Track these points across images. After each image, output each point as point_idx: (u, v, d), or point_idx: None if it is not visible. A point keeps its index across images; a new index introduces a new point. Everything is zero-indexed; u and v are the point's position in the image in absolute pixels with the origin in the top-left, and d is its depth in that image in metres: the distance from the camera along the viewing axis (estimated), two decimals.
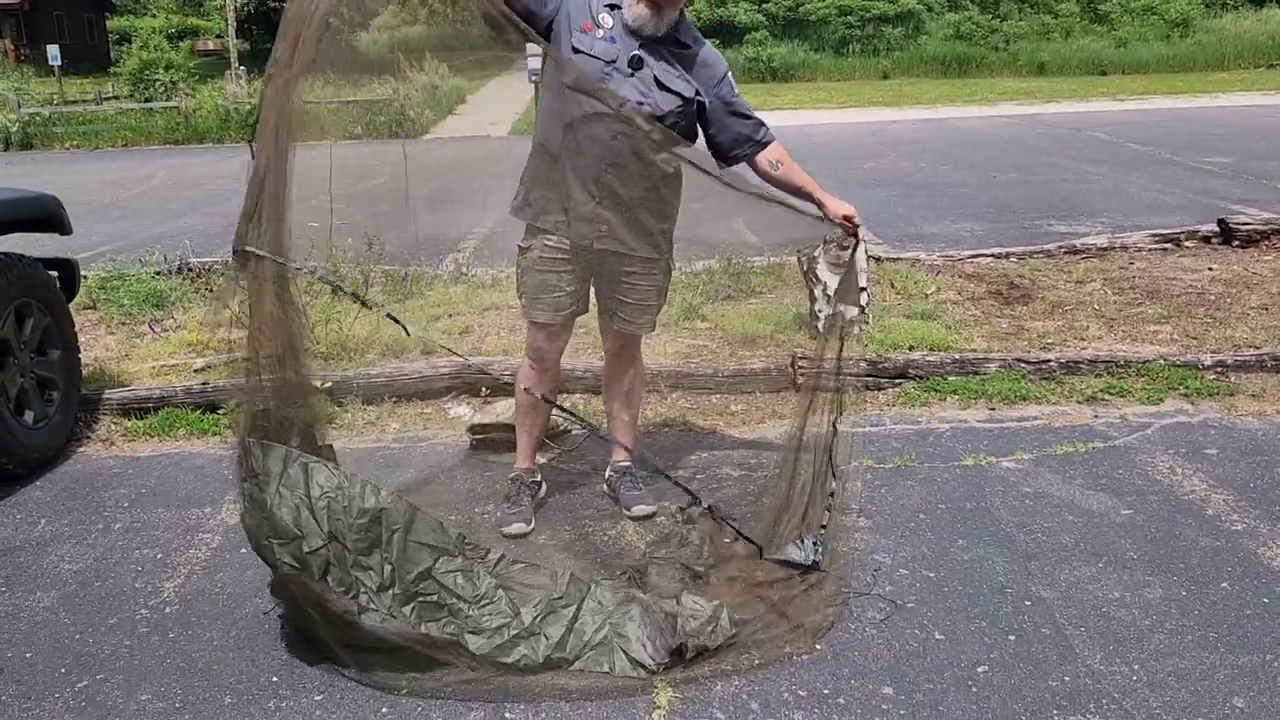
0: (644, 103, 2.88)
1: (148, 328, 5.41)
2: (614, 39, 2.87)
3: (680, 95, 2.92)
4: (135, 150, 16.45)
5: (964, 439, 3.84)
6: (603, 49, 2.86)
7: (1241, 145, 12.39)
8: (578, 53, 2.86)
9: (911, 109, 19.47)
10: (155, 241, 8.14)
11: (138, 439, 4.09)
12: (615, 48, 2.87)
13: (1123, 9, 31.06)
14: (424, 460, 3.83)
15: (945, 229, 7.96)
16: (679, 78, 2.93)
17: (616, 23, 2.88)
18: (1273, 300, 5.32)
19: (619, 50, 2.86)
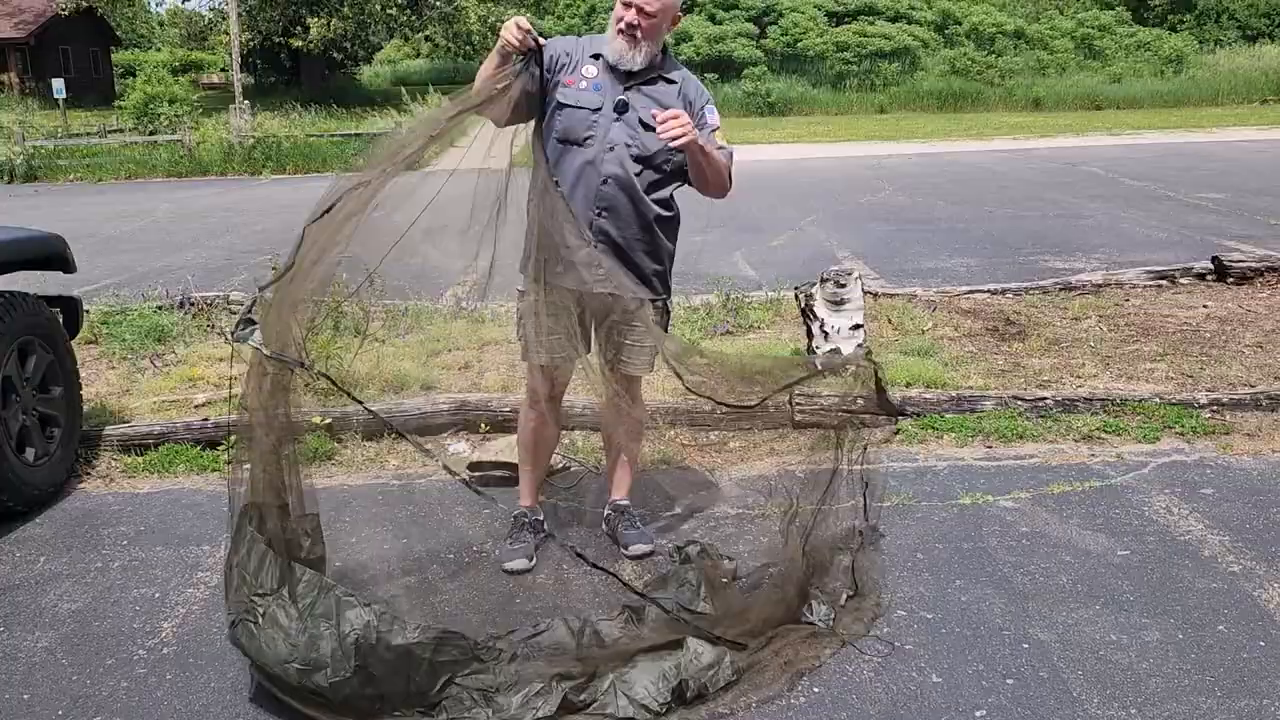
0: (632, 144, 2.95)
1: (149, 362, 5.43)
2: (598, 86, 2.96)
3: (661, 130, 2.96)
4: (138, 183, 16.55)
5: (961, 477, 3.85)
6: (588, 99, 2.95)
7: (1235, 181, 12.49)
8: (564, 106, 2.95)
9: (908, 143, 19.63)
10: (158, 275, 8.19)
11: (137, 475, 4.11)
12: (600, 95, 2.95)
13: (1117, 45, 31.43)
14: (423, 497, 3.84)
15: (941, 264, 8.01)
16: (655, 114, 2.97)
17: (600, 71, 2.97)
18: (1267, 338, 5.35)
19: (604, 97, 2.95)
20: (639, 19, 2.88)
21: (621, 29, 2.90)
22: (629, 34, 2.90)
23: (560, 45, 3.03)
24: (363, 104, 28.18)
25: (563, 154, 2.97)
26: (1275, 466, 3.84)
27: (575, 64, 3.00)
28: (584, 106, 2.95)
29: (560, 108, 2.97)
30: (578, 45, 3.06)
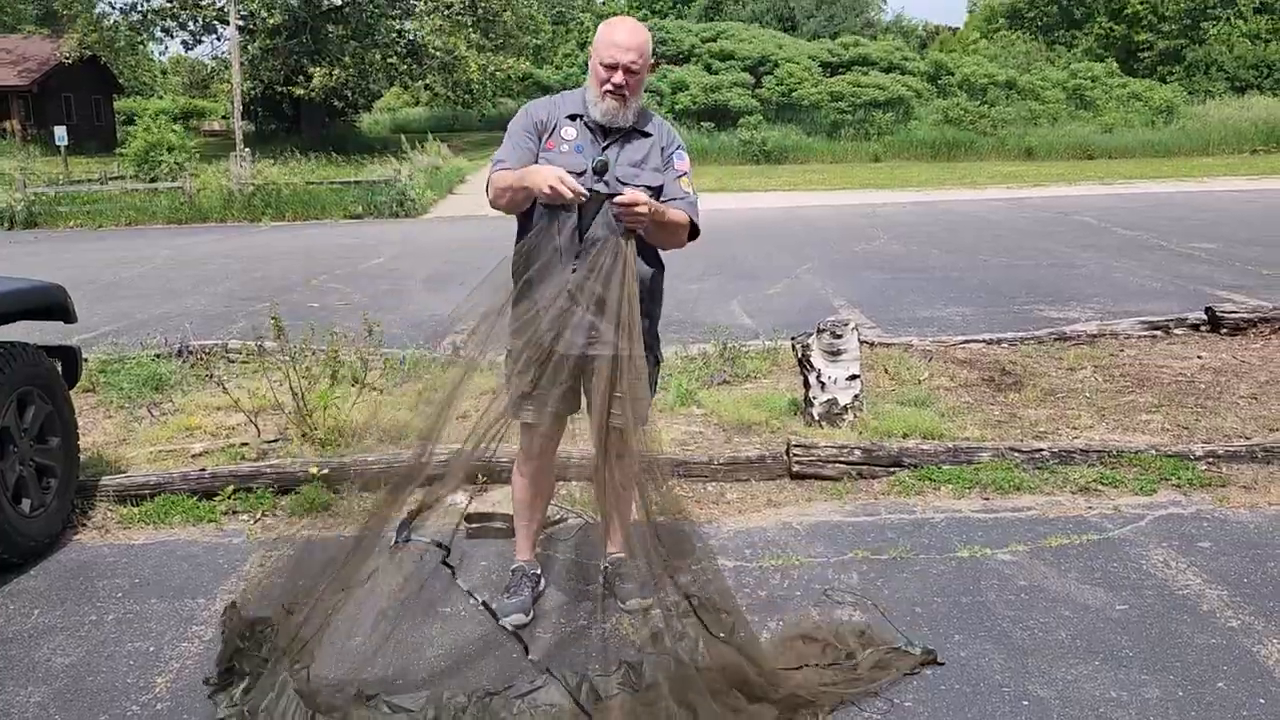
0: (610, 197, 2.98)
1: (146, 411, 5.43)
2: (579, 148, 2.97)
3: (649, 186, 2.99)
4: (139, 229, 16.65)
5: (959, 530, 3.85)
6: (570, 160, 2.94)
7: (1226, 231, 12.61)
8: None
9: (903, 191, 19.82)
10: (157, 322, 8.22)
11: (133, 526, 4.09)
12: (581, 157, 2.96)
13: (1108, 96, 31.88)
14: (419, 549, 3.82)
15: (936, 313, 8.06)
16: (646, 169, 3.02)
17: (579, 130, 2.99)
18: (1261, 389, 5.38)
19: (585, 159, 2.95)
20: (626, 79, 2.91)
21: (610, 90, 2.91)
22: (618, 95, 2.92)
23: (538, 112, 3.04)
24: (362, 151, 28.46)
25: (549, 217, 2.96)
26: (1272, 519, 3.85)
27: (554, 126, 3.01)
28: (568, 169, 2.94)
29: None
30: (552, 105, 3.06)
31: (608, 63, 2.89)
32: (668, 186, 3.04)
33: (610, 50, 2.89)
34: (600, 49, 2.92)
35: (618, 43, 2.89)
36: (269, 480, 4.33)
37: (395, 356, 6.24)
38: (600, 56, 2.91)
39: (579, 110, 3.00)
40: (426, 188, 19.13)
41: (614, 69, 2.89)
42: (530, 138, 2.99)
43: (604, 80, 2.91)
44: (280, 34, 29.13)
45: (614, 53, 2.88)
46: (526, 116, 3.04)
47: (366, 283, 10.32)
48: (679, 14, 46.96)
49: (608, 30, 2.95)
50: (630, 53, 2.89)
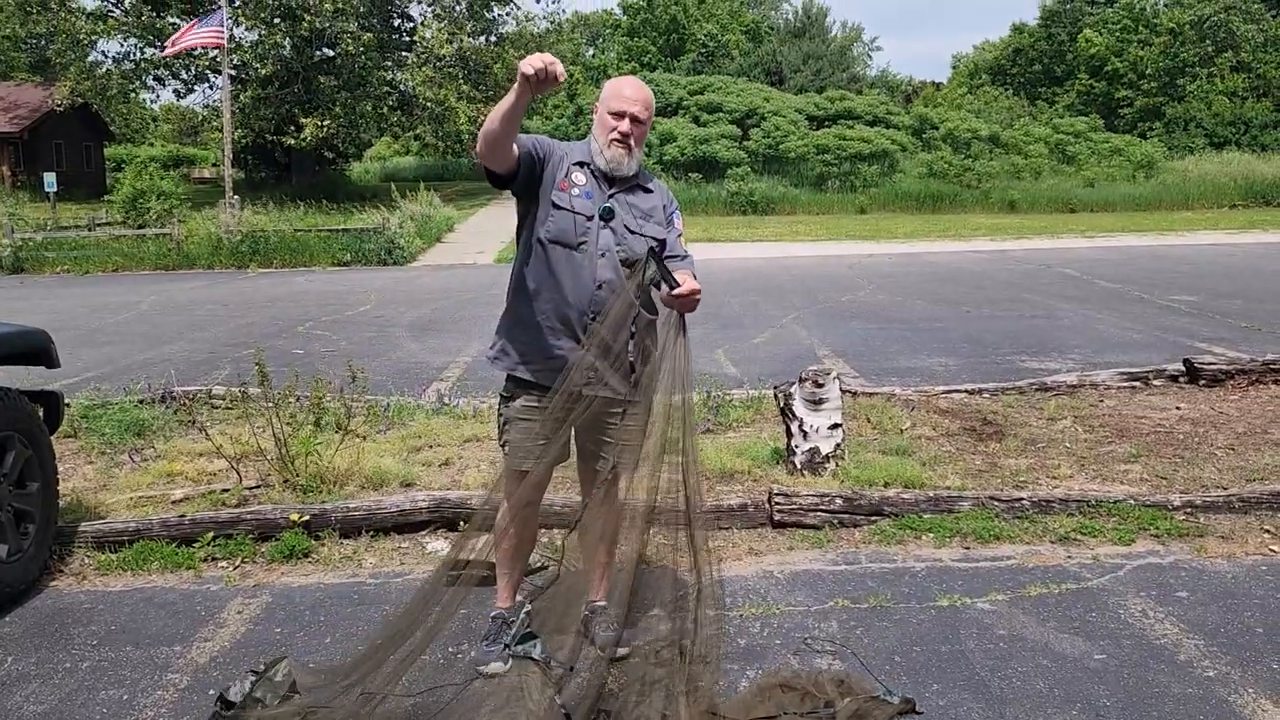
0: (620, 249, 3.04)
1: (127, 457, 5.41)
2: (589, 194, 3.06)
3: (653, 237, 3.08)
4: (125, 275, 16.65)
5: (939, 578, 3.86)
6: (581, 205, 3.04)
7: (1207, 284, 12.77)
8: (559, 208, 3.03)
9: (888, 243, 20.02)
10: (141, 368, 8.21)
11: (110, 573, 4.06)
12: (591, 202, 3.05)
13: (1090, 151, 32.38)
14: (399, 597, 3.81)
15: (920, 363, 8.12)
16: (650, 221, 3.11)
17: (588, 178, 3.07)
18: (1239, 440, 5.43)
19: (594, 205, 3.04)
20: (633, 128, 3.03)
21: (616, 139, 3.02)
22: (624, 143, 3.03)
23: (557, 148, 3.12)
24: (352, 199, 28.61)
25: (553, 255, 3.02)
26: (1248, 570, 3.87)
27: (565, 168, 3.09)
28: (579, 212, 3.03)
29: (556, 209, 3.04)
30: (563, 149, 3.16)
31: (616, 111, 3.03)
32: (671, 243, 3.14)
33: (619, 101, 3.03)
34: (609, 100, 3.06)
35: (626, 95, 3.04)
36: (249, 527, 4.31)
37: (379, 403, 6.24)
38: (609, 106, 3.05)
39: (586, 159, 3.09)
40: (416, 236, 19.23)
41: (622, 117, 3.02)
42: (539, 148, 3.02)
43: (612, 128, 3.03)
44: (272, 84, 29.42)
45: (622, 103, 3.03)
46: (547, 141, 3.11)
47: (352, 329, 10.34)
48: (668, 67, 47.67)
49: (616, 85, 3.10)
50: (637, 104, 3.03)
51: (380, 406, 6.16)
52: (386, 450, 5.43)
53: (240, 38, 28.46)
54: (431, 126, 31.97)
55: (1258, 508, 4.37)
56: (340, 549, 4.27)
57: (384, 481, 4.91)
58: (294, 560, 4.16)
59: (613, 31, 58.89)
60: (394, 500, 4.50)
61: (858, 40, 65.48)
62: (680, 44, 52.72)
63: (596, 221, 3.03)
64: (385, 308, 12.06)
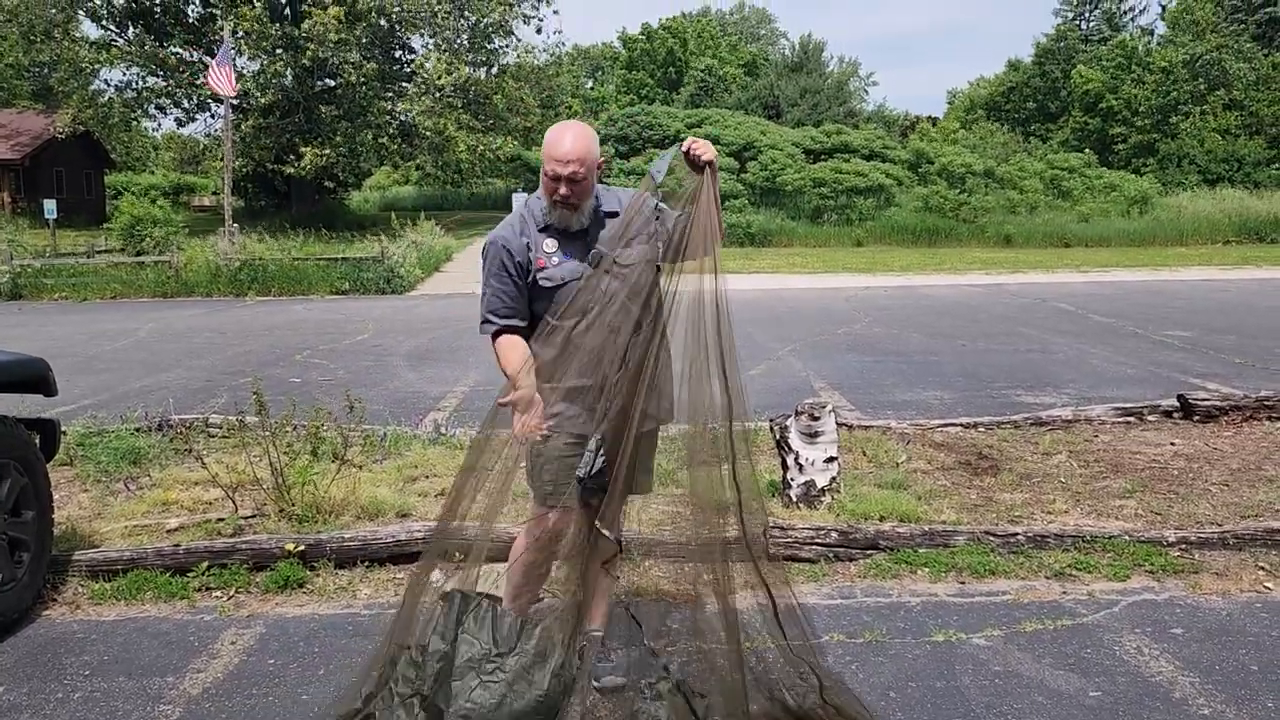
0: (626, 287, 3.01)
1: (123, 485, 5.41)
2: (566, 255, 3.03)
3: (644, 257, 3.04)
4: (124, 303, 16.69)
5: (934, 613, 3.85)
6: (566, 271, 3.01)
7: (1201, 319, 12.84)
8: (551, 289, 3.02)
9: (884, 276, 20.11)
10: (138, 395, 8.21)
11: (104, 602, 4.05)
12: (573, 263, 3.02)
13: (1085, 186, 32.61)
14: None
15: (916, 396, 8.14)
16: (635, 243, 3.05)
17: (555, 240, 3.03)
18: (1233, 476, 5.44)
19: (577, 263, 3.01)
20: (570, 189, 2.96)
21: (558, 201, 2.97)
22: (565, 204, 2.98)
23: (516, 239, 3.04)
24: (351, 228, 28.74)
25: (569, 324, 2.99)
26: (1243, 607, 3.87)
27: (534, 244, 3.03)
28: (568, 280, 3.00)
29: (547, 291, 3.02)
30: (521, 227, 3.06)
31: (550, 175, 2.94)
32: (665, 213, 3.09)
33: (552, 165, 2.93)
34: (546, 161, 2.95)
35: (559, 156, 2.92)
36: (244, 557, 4.30)
37: (375, 433, 6.24)
38: (545, 169, 2.95)
39: (546, 220, 3.03)
40: (416, 265, 19.31)
41: (558, 181, 2.94)
42: (512, 279, 3.02)
43: (551, 191, 2.97)
44: (273, 113, 29.65)
45: (555, 167, 2.92)
46: (504, 255, 3.03)
47: (350, 358, 10.36)
48: (665, 100, 48.07)
49: (552, 144, 2.96)
50: (571, 164, 2.92)
51: (377, 436, 6.17)
52: (383, 480, 5.43)
53: (242, 67, 28.69)
54: (431, 156, 32.20)
55: (1252, 544, 4.38)
56: (335, 579, 4.26)
57: (380, 512, 4.91)
58: (289, 590, 4.15)
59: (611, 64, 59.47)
60: (390, 530, 4.50)
61: (854, 75, 66.20)
62: (678, 77, 53.21)
63: (593, 273, 2.98)
64: (383, 336, 12.08)
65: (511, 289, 3.04)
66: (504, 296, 3.04)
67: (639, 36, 55.35)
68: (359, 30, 28.68)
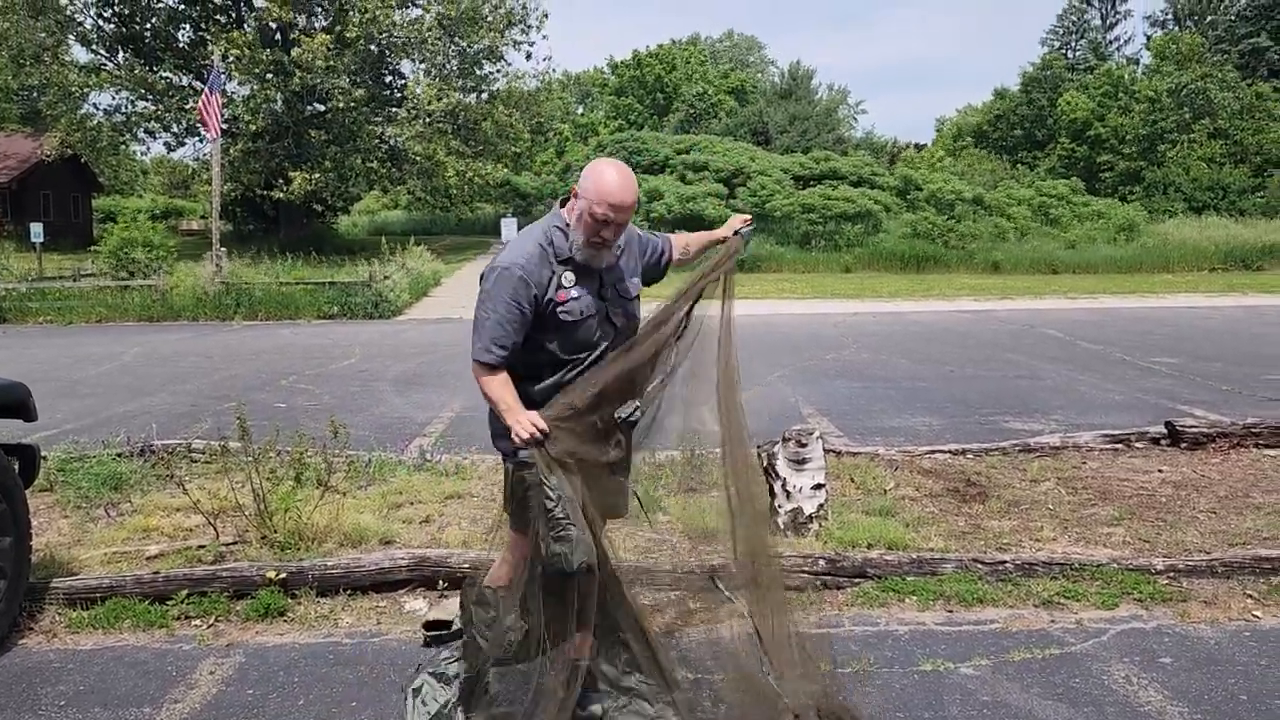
0: (629, 319, 3.12)
1: (103, 512, 5.34)
2: (585, 289, 3.01)
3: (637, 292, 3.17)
4: (110, 326, 16.59)
5: (922, 642, 3.82)
6: (585, 306, 2.99)
7: (1188, 346, 12.89)
8: (573, 324, 2.99)
9: (872, 302, 20.17)
10: (121, 420, 8.14)
11: (82, 631, 3.99)
12: (589, 297, 3.01)
13: (1073, 213, 32.84)
14: (375, 658, 3.75)
15: (904, 422, 8.13)
16: (634, 280, 3.16)
17: (575, 273, 3.00)
18: (1221, 504, 5.44)
19: (592, 297, 3.01)
20: (615, 233, 2.94)
21: (599, 242, 2.93)
22: (604, 245, 2.96)
23: (539, 271, 2.96)
24: (340, 252, 28.71)
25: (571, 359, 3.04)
26: (1232, 635, 3.85)
27: (555, 277, 2.98)
28: (588, 315, 3.00)
29: (568, 324, 2.99)
30: (544, 260, 2.98)
31: (600, 218, 2.88)
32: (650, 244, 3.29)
33: (605, 210, 2.87)
34: (595, 202, 2.87)
35: (616, 203, 2.87)
36: (225, 584, 4.25)
37: (360, 458, 6.20)
38: (593, 210, 2.88)
39: (569, 254, 2.98)
40: (405, 290, 19.29)
41: (606, 224, 2.90)
42: (523, 312, 2.94)
43: (596, 232, 2.91)
44: (263, 138, 29.67)
45: (609, 212, 2.87)
46: (522, 286, 2.92)
47: (336, 383, 10.31)
48: (654, 126, 48.33)
49: (602, 184, 2.88)
50: (625, 212, 2.90)
51: (361, 462, 6.11)
52: (366, 507, 5.39)
53: (232, 92, 28.74)
54: (421, 181, 32.25)
55: (1240, 572, 4.36)
56: (317, 608, 4.20)
57: (363, 539, 4.86)
58: (269, 619, 4.09)
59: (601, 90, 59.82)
60: (373, 558, 4.45)
61: (843, 103, 66.73)
62: (666, 103, 53.55)
63: (601, 310, 3.02)
64: (370, 361, 12.03)
65: (519, 322, 2.94)
66: (510, 328, 2.93)
67: (628, 63, 55.70)
68: (349, 56, 28.79)
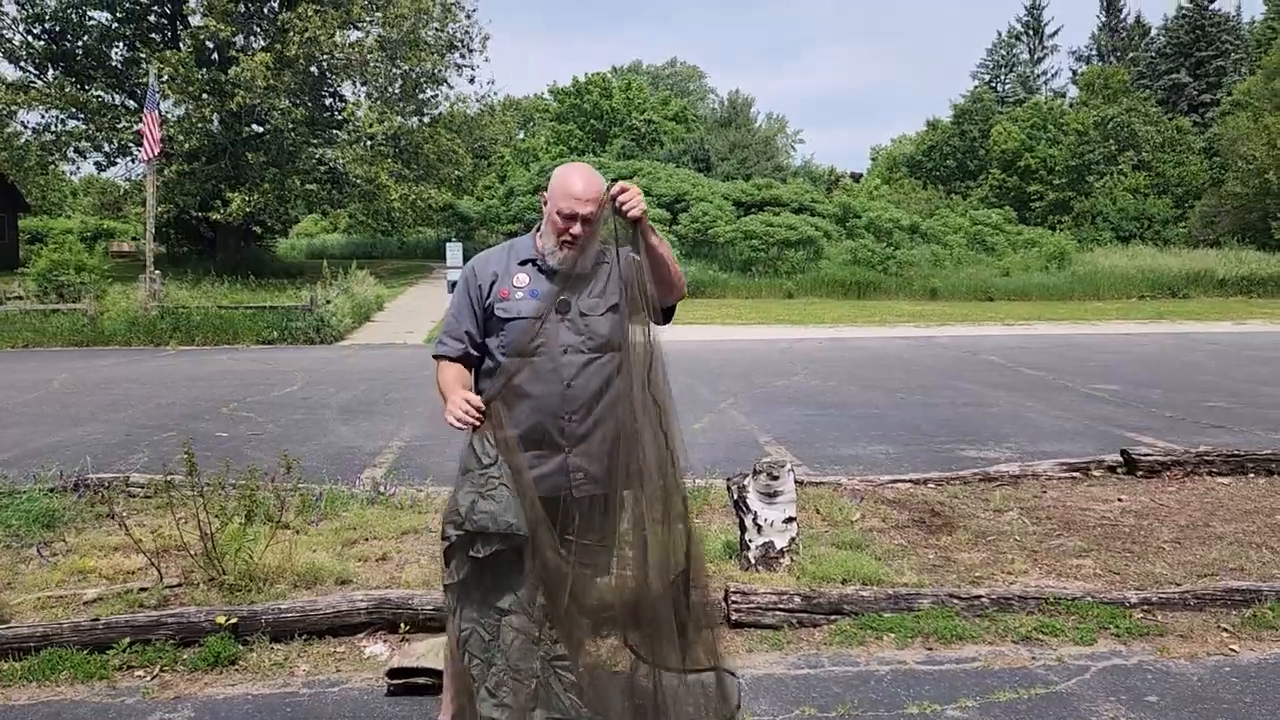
0: (583, 338, 2.88)
1: (35, 552, 5.03)
2: (534, 293, 2.91)
3: (613, 306, 2.92)
4: (36, 352, 15.96)
5: (905, 683, 3.73)
6: (529, 307, 2.89)
7: (1126, 372, 13.14)
8: (505, 321, 2.90)
9: (816, 328, 20.29)
10: (51, 451, 7.77)
11: (13, 684, 3.71)
12: (538, 301, 2.89)
13: (1006, 241, 33.58)
14: (336, 710, 3.54)
15: (860, 450, 8.10)
16: (607, 296, 2.93)
17: (531, 276, 2.93)
18: (1183, 534, 5.46)
19: (543, 302, 2.88)
20: (584, 229, 2.86)
21: (567, 241, 2.87)
22: (575, 244, 2.87)
23: (486, 266, 3.00)
24: (278, 275, 28.13)
25: (516, 365, 2.87)
26: (1213, 671, 3.82)
27: (505, 274, 2.96)
28: (524, 316, 2.89)
29: (502, 323, 2.92)
30: (502, 255, 3.02)
31: (566, 213, 2.85)
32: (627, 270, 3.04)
33: (568, 202, 2.84)
34: (557, 199, 2.87)
35: (575, 194, 2.84)
36: (170, 631, 4.00)
37: (310, 492, 5.95)
38: (557, 207, 2.87)
39: (532, 255, 2.96)
40: (347, 314, 18.90)
41: (572, 219, 2.85)
42: (472, 303, 2.98)
43: (562, 231, 2.87)
44: (199, 158, 29.02)
45: (572, 204, 2.84)
46: (473, 275, 3.00)
47: (280, 411, 9.99)
48: (595, 152, 48.40)
49: (565, 180, 2.89)
50: (589, 204, 2.84)
51: (312, 496, 5.86)
52: (319, 544, 5.16)
53: (167, 111, 28.06)
54: (362, 204, 31.80)
55: (1213, 605, 4.36)
56: (271, 655, 3.97)
57: (317, 579, 4.64)
58: (219, 669, 3.85)
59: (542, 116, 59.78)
60: (330, 600, 4.23)
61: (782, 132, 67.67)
62: (604, 130, 53.71)
63: (552, 318, 2.86)
64: (314, 388, 11.71)
65: (466, 312, 2.99)
66: (459, 319, 3.00)
67: (569, 90, 55.76)
68: (288, 76, 28.32)
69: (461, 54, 33.70)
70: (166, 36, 31.98)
